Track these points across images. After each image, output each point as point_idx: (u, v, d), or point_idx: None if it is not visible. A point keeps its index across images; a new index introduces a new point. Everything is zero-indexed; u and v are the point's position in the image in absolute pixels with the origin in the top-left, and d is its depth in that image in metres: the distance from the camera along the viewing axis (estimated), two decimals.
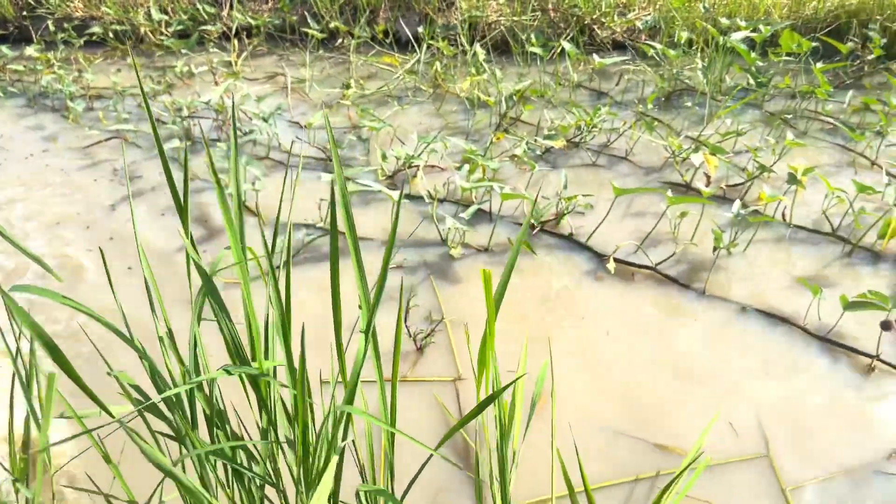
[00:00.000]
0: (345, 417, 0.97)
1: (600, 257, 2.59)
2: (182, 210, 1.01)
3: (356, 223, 2.98)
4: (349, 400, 0.92)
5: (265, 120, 3.31)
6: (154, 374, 0.95)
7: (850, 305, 2.13)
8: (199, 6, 4.85)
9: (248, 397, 1.14)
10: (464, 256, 2.64)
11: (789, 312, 2.29)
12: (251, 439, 1.19)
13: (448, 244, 2.66)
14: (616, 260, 2.56)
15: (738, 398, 1.99)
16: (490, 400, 1.00)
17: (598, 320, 2.30)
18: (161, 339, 0.99)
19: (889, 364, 2.06)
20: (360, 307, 1.03)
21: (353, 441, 1.23)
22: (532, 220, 2.74)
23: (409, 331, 2.21)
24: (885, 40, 3.85)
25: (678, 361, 2.13)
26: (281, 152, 3.42)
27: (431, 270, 2.57)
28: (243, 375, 1.02)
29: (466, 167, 2.98)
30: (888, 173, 2.98)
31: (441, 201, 2.95)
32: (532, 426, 1.86)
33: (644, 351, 2.17)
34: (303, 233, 2.69)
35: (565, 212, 2.78)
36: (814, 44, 3.72)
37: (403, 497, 1.23)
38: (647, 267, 2.52)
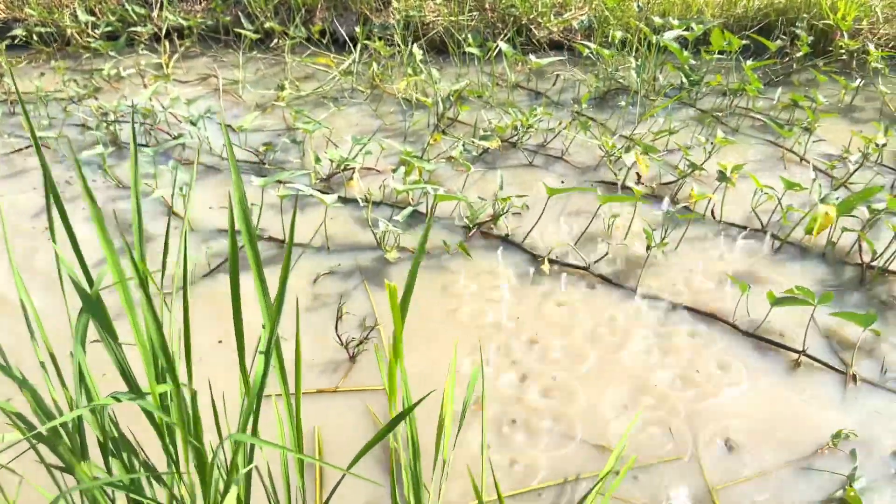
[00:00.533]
0: (245, 444, 0.93)
1: (536, 258, 2.58)
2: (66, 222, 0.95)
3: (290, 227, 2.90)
4: (243, 426, 0.88)
5: (194, 123, 3.21)
6: (37, 404, 0.89)
7: (777, 301, 2.17)
8: (127, 7, 4.69)
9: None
10: (400, 260, 2.60)
11: (719, 309, 2.32)
12: (156, 467, 1.14)
13: (383, 248, 2.62)
14: (550, 261, 2.56)
15: (668, 397, 2.00)
16: (400, 418, 0.97)
17: (531, 321, 2.29)
18: (42, 364, 0.93)
19: (815, 359, 2.10)
20: (263, 326, 0.98)
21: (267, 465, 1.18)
22: (468, 222, 2.72)
23: (340, 339, 2.17)
24: (811, 38, 3.95)
25: (610, 361, 2.13)
26: (212, 156, 3.32)
27: (366, 275, 2.53)
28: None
29: (403, 169, 2.94)
30: (815, 168, 3.05)
31: (377, 204, 2.91)
32: (471, 427, 1.84)
33: (576, 351, 2.17)
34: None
35: (501, 213, 2.77)
36: (744, 42, 3.79)
37: None
38: (581, 267, 2.53)
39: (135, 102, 3.40)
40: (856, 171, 2.96)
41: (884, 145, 3.03)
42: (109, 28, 4.60)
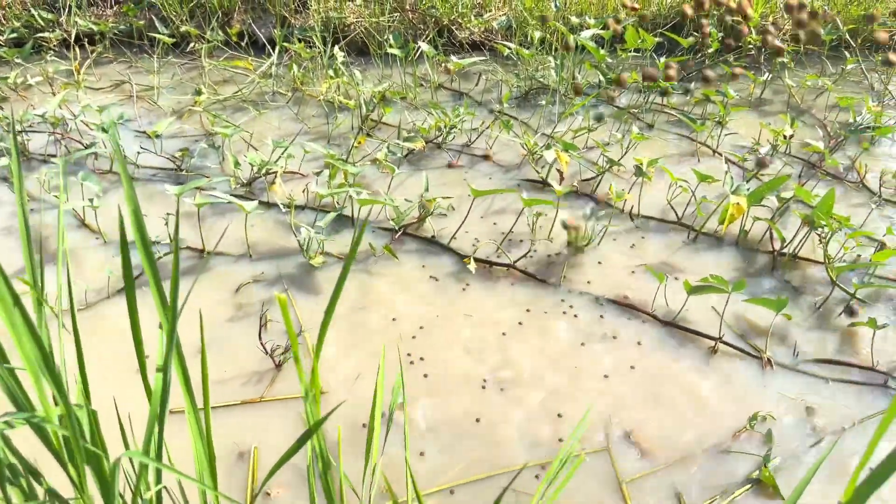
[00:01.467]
0: (149, 466, 0.89)
1: (462, 258, 2.59)
2: None
3: (212, 236, 2.84)
4: (146, 445, 0.85)
5: (105, 131, 3.09)
6: None
7: (693, 290, 2.24)
8: (34, 12, 4.49)
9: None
10: (325, 265, 2.57)
11: (638, 301, 2.37)
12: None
13: (307, 254, 2.58)
14: (477, 260, 2.57)
15: (588, 390, 2.04)
16: (305, 438, 0.95)
17: (458, 320, 2.30)
18: None
19: (731, 345, 2.18)
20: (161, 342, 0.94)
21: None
22: (394, 224, 2.71)
23: (264, 347, 2.12)
24: (721, 34, 4.09)
25: (533, 355, 2.16)
26: (127, 164, 3.20)
27: (290, 282, 2.48)
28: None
29: (326, 173, 2.90)
30: (728, 161, 3.16)
31: (301, 209, 2.87)
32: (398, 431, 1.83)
33: (501, 346, 2.18)
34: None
35: (428, 214, 2.77)
36: (658, 39, 3.90)
37: None
38: (506, 265, 2.55)
39: (44, 111, 3.26)
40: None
41: (791, 136, 3.17)
42: (14, 34, 4.40)
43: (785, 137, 3.04)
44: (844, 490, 0.74)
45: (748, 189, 2.56)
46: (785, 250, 2.56)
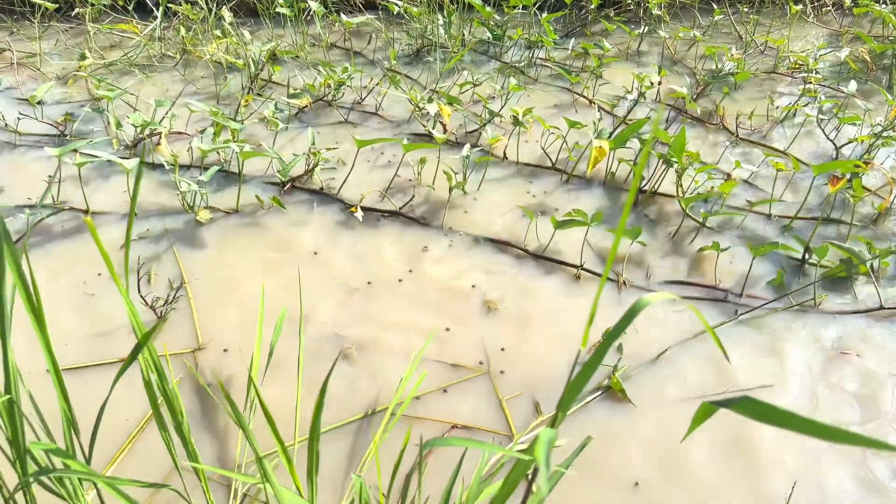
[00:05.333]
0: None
1: (349, 207, 2.69)
2: None
3: (95, 198, 2.85)
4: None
5: None
6: None
7: (559, 224, 2.41)
8: None
9: None
10: (212, 221, 2.62)
11: (514, 238, 2.53)
12: None
13: (193, 210, 2.62)
14: (363, 208, 2.67)
15: (465, 318, 2.19)
16: (138, 349, 1.04)
17: (345, 263, 2.40)
18: None
19: (590, 271, 2.37)
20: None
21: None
22: (280, 178, 2.77)
23: (144, 300, 2.17)
24: None
25: (415, 290, 2.29)
26: (8, 132, 3.14)
27: (176, 238, 2.53)
28: None
29: (211, 130, 2.93)
30: (600, 109, 3.35)
31: (187, 168, 2.90)
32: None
33: (387, 283, 2.30)
34: (26, 213, 2.52)
35: (314, 166, 2.84)
36: None
37: None
38: (392, 211, 2.66)
39: None
40: (632, 108, 3.30)
41: (659, 83, 3.38)
42: None
43: (651, 84, 3.25)
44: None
45: (610, 134, 2.74)
46: (645, 188, 2.76)
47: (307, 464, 1.07)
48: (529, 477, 1.04)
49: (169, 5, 4.09)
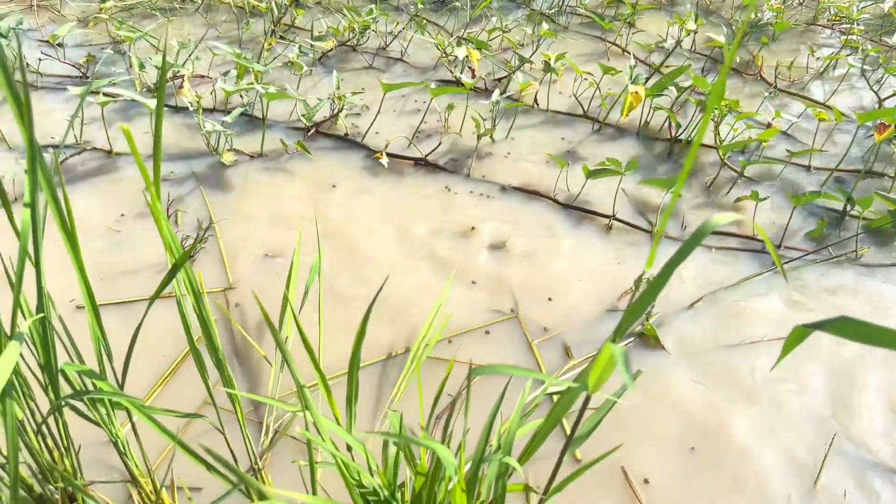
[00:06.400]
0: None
1: (375, 153, 2.63)
2: None
3: (118, 139, 2.80)
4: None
5: (3, 36, 2.97)
6: None
7: (591, 174, 2.34)
8: None
9: None
10: (236, 163, 2.58)
11: (543, 187, 2.47)
12: None
13: (217, 152, 2.58)
14: (389, 154, 2.62)
15: (494, 266, 2.15)
16: (175, 270, 1.00)
17: (372, 209, 2.36)
18: None
19: (623, 221, 2.31)
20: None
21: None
22: (305, 122, 2.72)
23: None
24: None
25: (442, 240, 2.24)
26: (30, 73, 3.10)
27: (202, 180, 2.49)
28: None
29: (234, 72, 2.87)
30: (635, 57, 3.25)
31: (210, 111, 2.85)
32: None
33: (411, 231, 2.26)
34: (51, 152, 2.49)
35: (339, 111, 2.78)
36: None
37: None
38: (417, 159, 2.60)
39: None
40: (669, 55, 3.19)
41: (695, 31, 3.26)
42: None
43: (688, 31, 3.13)
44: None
45: (646, 80, 2.65)
46: (681, 137, 2.68)
47: (346, 392, 1.04)
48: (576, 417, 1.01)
49: None
